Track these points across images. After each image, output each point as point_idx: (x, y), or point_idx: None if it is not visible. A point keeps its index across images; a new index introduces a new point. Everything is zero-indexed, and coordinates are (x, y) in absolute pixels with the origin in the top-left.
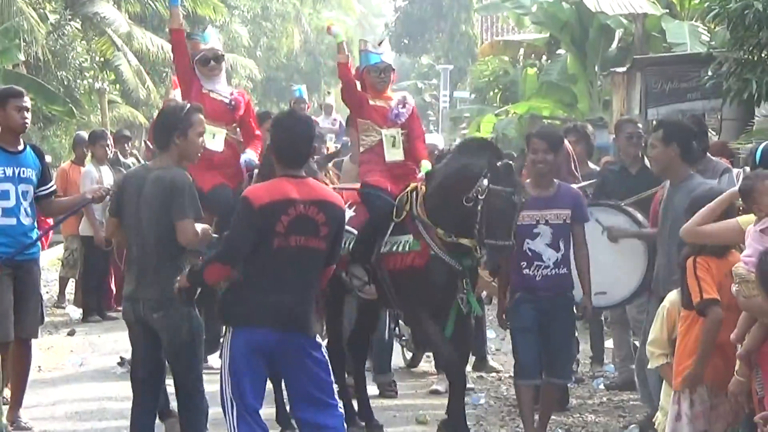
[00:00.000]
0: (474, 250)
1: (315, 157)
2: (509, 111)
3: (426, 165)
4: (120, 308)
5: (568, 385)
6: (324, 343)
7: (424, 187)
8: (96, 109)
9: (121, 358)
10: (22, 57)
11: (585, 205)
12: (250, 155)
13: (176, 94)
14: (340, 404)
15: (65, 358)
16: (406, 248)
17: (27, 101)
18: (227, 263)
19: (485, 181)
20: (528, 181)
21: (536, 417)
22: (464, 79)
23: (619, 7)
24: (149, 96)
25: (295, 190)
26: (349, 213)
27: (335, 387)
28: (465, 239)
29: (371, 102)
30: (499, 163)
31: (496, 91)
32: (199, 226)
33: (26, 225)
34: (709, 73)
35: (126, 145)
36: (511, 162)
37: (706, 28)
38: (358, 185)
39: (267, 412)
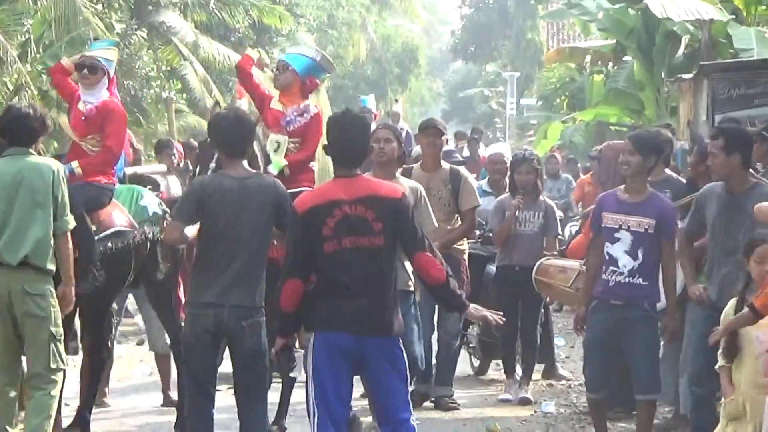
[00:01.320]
0: None
1: None
2: (576, 118)
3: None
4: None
5: None
6: None
7: None
8: (163, 118)
9: None
10: None
11: (674, 219)
12: (71, 167)
13: (242, 103)
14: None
15: (134, 368)
16: None
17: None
18: (293, 277)
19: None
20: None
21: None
22: (531, 87)
23: (685, 13)
24: (216, 105)
25: (342, 191)
26: None
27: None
28: None
29: (272, 104)
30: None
31: (563, 98)
32: None
33: None
34: None
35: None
36: None
37: None
38: None
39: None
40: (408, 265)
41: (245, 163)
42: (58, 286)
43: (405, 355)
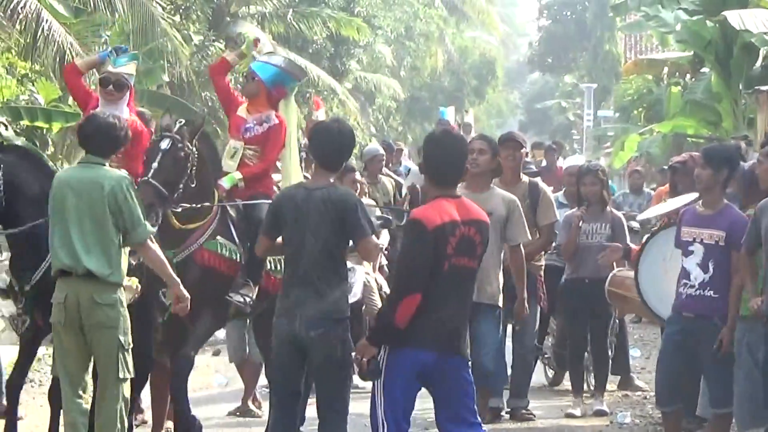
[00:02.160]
0: None
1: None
2: (653, 130)
3: (230, 178)
4: None
5: None
6: None
7: None
8: None
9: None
10: (166, 78)
11: (743, 231)
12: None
13: (319, 115)
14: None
15: (211, 378)
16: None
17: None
18: (415, 291)
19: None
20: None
21: None
22: (608, 98)
23: (763, 25)
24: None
25: (456, 211)
26: None
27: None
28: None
29: (239, 111)
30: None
31: (640, 109)
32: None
33: None
34: None
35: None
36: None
37: None
38: None
39: None
40: (499, 278)
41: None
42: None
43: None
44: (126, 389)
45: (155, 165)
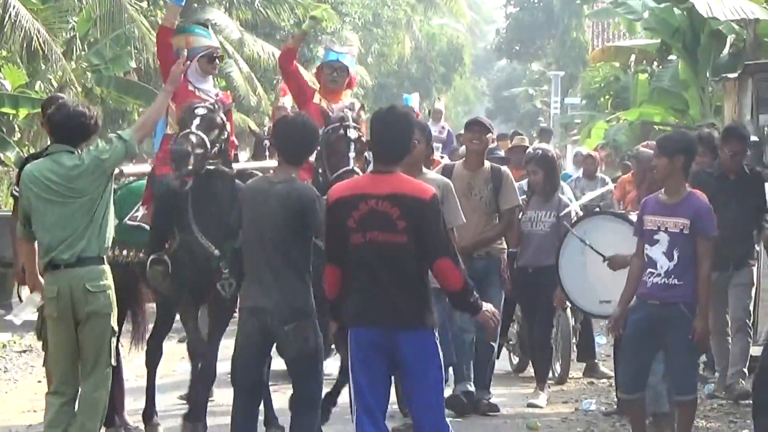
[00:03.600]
0: None
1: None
2: (620, 117)
3: None
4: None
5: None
6: None
7: None
8: None
9: None
10: (133, 64)
11: (709, 219)
12: None
13: (286, 101)
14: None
15: (176, 365)
16: None
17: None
18: (330, 263)
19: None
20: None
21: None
22: (575, 86)
23: (731, 12)
24: (260, 103)
25: (372, 185)
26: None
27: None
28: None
29: (316, 101)
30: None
31: (607, 97)
32: None
33: None
34: None
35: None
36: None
37: None
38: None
39: None
40: None
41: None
42: None
43: (440, 349)
44: (110, 378)
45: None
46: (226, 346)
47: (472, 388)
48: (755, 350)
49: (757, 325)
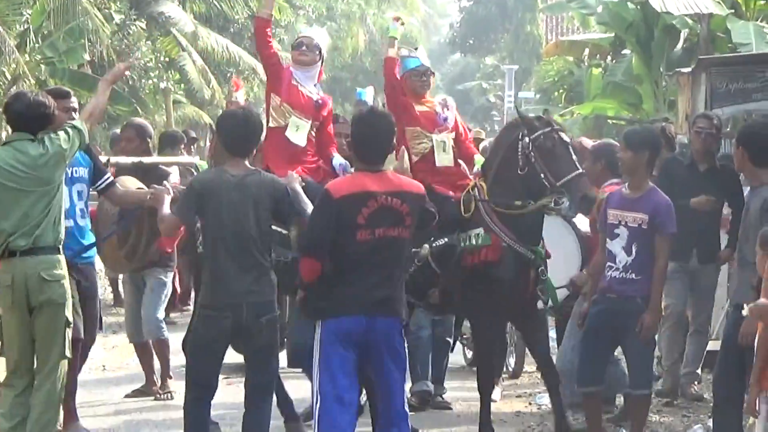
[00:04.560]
0: (553, 204)
1: None
2: (574, 111)
3: (479, 159)
4: (185, 308)
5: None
6: None
7: (483, 181)
8: (160, 109)
9: None
10: (87, 57)
11: (668, 216)
12: (340, 159)
13: (238, 96)
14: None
15: (129, 358)
16: (478, 241)
17: (74, 102)
18: (312, 256)
19: (525, 139)
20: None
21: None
22: (529, 80)
23: (684, 7)
24: (214, 96)
25: (374, 183)
26: None
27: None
28: (543, 199)
29: (417, 108)
30: (531, 115)
31: (561, 91)
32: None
33: (83, 227)
34: None
35: (192, 146)
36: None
37: None
38: None
39: None
40: None
41: (246, 162)
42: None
43: (406, 342)
44: (65, 369)
45: None
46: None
47: (429, 387)
48: (712, 345)
49: (712, 320)
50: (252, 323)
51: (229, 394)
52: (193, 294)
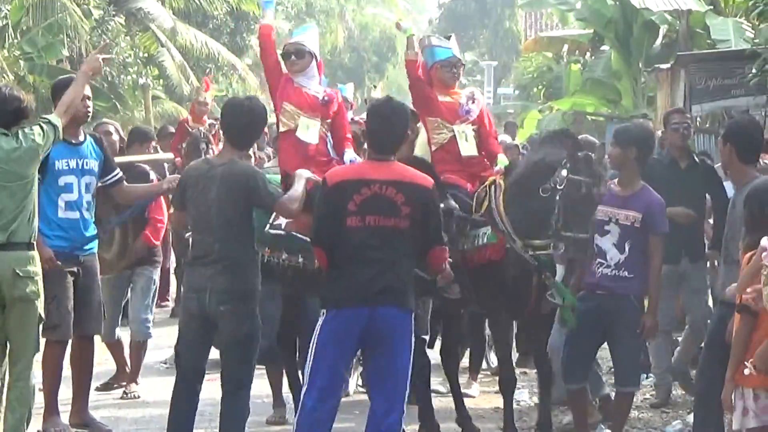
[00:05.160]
0: (551, 248)
1: None
2: (553, 107)
3: (503, 159)
4: (164, 304)
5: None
6: None
7: (502, 181)
8: (139, 105)
9: (167, 360)
10: (65, 53)
11: (661, 215)
12: (352, 155)
13: (207, 96)
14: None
15: (104, 355)
16: (484, 240)
17: (87, 89)
18: (318, 245)
19: (564, 171)
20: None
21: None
22: (508, 76)
23: (663, 3)
24: (193, 91)
25: (374, 171)
26: None
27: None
28: (537, 241)
29: (440, 98)
30: (579, 154)
31: (540, 87)
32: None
33: (87, 219)
34: (753, 70)
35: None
36: (591, 153)
37: (750, 25)
38: None
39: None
40: None
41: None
42: None
43: (413, 335)
44: (34, 364)
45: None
46: (159, 335)
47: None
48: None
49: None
50: (214, 310)
51: (210, 391)
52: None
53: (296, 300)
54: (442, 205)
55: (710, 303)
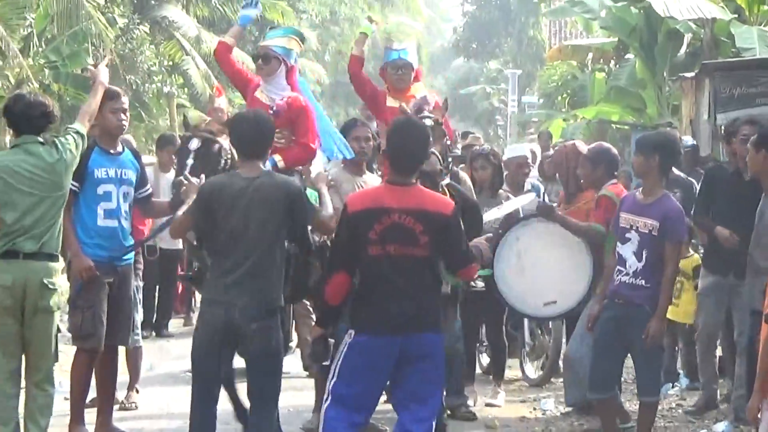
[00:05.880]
0: None
1: None
2: (577, 116)
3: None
4: (182, 314)
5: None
6: None
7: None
8: (164, 113)
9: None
10: (90, 61)
11: (679, 223)
12: (274, 160)
13: (220, 102)
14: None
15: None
16: None
17: (124, 102)
18: (339, 270)
19: None
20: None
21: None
22: (532, 84)
23: (688, 11)
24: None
25: (394, 198)
26: None
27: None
28: None
29: (388, 101)
30: None
31: (564, 95)
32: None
33: (126, 228)
34: None
35: None
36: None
37: None
38: None
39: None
40: None
41: (260, 163)
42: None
43: (444, 356)
44: (53, 374)
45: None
46: (161, 347)
47: (463, 399)
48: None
49: None
50: (242, 326)
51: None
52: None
53: None
54: None
55: None
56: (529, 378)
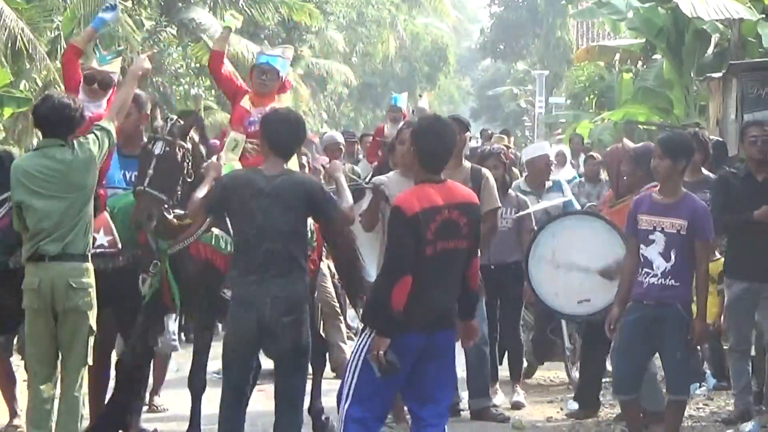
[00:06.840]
0: None
1: None
2: (605, 117)
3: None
4: None
5: None
6: None
7: None
8: None
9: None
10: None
11: (707, 220)
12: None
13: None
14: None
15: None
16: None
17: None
18: (404, 273)
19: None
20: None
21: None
22: (560, 85)
23: (715, 12)
24: None
25: (439, 196)
26: None
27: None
28: None
29: (242, 102)
30: None
31: (592, 96)
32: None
33: None
34: None
35: None
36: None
37: None
38: None
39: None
40: None
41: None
42: None
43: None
44: (85, 376)
45: (150, 172)
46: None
47: (490, 402)
48: None
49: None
50: (275, 322)
51: (262, 402)
52: None
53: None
54: None
55: None
56: (576, 382)
